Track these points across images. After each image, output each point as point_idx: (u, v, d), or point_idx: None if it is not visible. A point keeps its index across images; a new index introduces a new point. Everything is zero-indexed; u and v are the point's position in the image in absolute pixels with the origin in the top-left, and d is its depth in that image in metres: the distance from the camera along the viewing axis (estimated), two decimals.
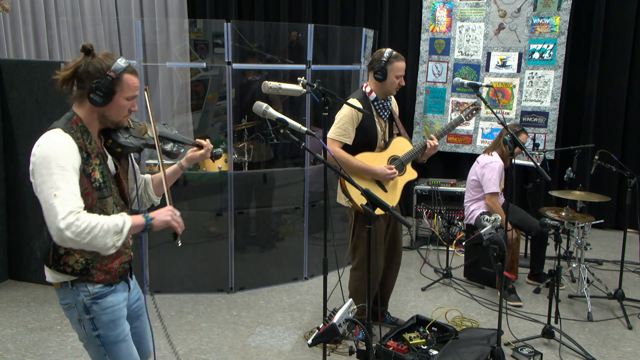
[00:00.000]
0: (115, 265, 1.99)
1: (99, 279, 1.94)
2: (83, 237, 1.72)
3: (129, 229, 1.82)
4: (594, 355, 3.37)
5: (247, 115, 5.09)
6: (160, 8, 6.59)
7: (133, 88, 1.90)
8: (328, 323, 1.96)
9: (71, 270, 1.90)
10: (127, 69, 1.88)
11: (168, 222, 1.91)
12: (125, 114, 1.94)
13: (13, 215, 4.41)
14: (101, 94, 1.84)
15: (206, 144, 2.25)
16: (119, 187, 2.01)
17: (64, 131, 1.83)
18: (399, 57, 3.33)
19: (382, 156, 3.39)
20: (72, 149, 1.81)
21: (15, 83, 4.26)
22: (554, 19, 5.76)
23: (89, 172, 1.85)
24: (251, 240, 4.69)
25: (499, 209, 4.26)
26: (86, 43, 1.90)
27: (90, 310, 1.94)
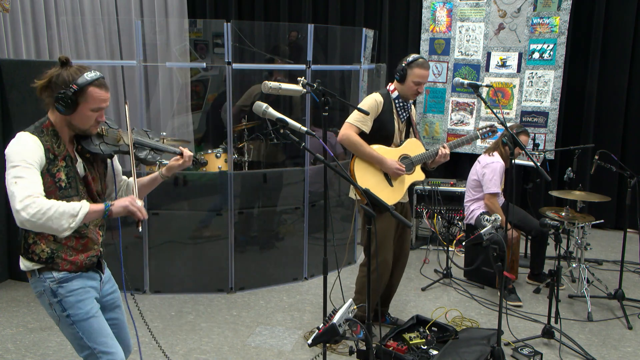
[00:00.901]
0: (81, 257, 2.11)
1: (63, 268, 2.08)
2: (38, 218, 1.85)
3: (85, 213, 1.93)
4: (594, 355, 3.37)
5: (247, 115, 5.09)
6: (160, 8, 6.58)
7: (98, 100, 2.02)
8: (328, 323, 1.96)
9: (38, 259, 2.06)
10: (94, 82, 2.00)
11: (126, 207, 1.99)
12: (92, 124, 2.06)
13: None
14: (64, 104, 1.98)
15: (185, 152, 2.29)
16: (87, 189, 2.13)
17: (32, 133, 2.01)
18: (421, 65, 3.35)
19: (394, 152, 3.45)
20: (36, 148, 1.97)
21: (15, 83, 4.26)
22: (554, 19, 5.76)
23: (54, 172, 2.00)
24: (251, 240, 4.69)
25: (498, 209, 4.26)
26: (62, 55, 2.06)
27: (57, 293, 2.08)
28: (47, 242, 2.05)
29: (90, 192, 2.14)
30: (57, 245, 2.06)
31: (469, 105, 6.13)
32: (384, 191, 3.37)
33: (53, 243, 2.05)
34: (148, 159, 2.25)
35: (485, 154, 4.45)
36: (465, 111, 6.16)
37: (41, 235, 2.04)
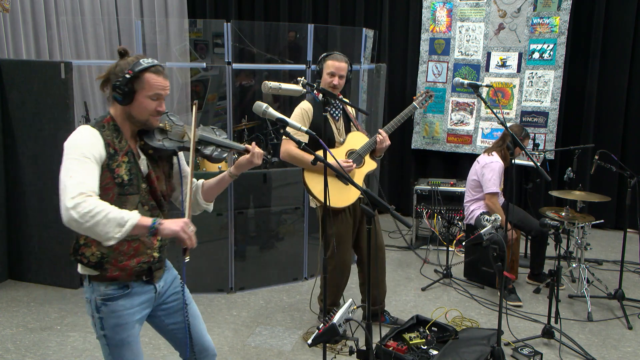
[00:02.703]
0: (131, 263, 1.99)
1: (112, 275, 1.96)
2: (86, 220, 1.73)
3: (132, 225, 1.79)
4: (594, 355, 3.37)
5: (247, 115, 5.09)
6: (160, 8, 6.59)
7: (155, 87, 1.93)
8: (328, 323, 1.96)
9: (87, 262, 1.95)
10: (150, 68, 1.92)
11: (176, 232, 1.84)
12: (152, 114, 1.96)
13: (13, 215, 4.41)
14: (120, 92, 1.90)
15: (252, 148, 2.14)
16: (150, 188, 2.02)
17: (92, 126, 1.92)
18: (333, 56, 3.35)
19: (338, 152, 3.43)
20: (97, 142, 1.88)
21: (15, 83, 4.26)
22: (554, 19, 5.76)
23: (113, 167, 1.90)
24: (251, 240, 4.69)
25: (498, 209, 4.26)
26: (120, 47, 1.98)
27: (100, 310, 1.98)
28: (98, 245, 1.92)
29: (154, 191, 2.03)
30: (108, 249, 1.94)
31: (469, 105, 6.13)
32: (342, 191, 3.34)
33: (104, 247, 1.90)
34: (214, 155, 2.12)
35: (484, 154, 4.45)
36: (465, 111, 6.16)
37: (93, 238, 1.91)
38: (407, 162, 6.55)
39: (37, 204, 4.32)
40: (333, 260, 3.43)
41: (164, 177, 2.10)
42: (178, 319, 2.18)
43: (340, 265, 3.49)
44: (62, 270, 4.33)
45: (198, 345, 2.22)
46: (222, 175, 2.19)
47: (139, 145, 2.03)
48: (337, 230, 3.42)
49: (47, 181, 4.27)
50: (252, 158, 2.12)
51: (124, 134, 1.97)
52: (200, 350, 2.24)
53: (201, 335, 2.25)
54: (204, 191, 2.22)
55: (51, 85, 4.16)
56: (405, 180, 6.47)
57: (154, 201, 2.04)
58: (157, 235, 1.84)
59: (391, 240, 5.56)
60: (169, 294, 2.18)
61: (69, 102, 4.16)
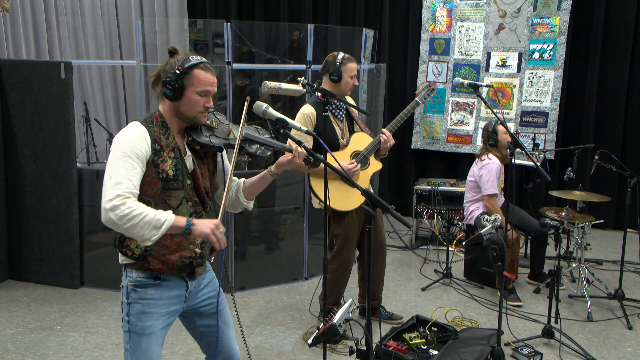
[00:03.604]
0: (174, 257, 2.02)
1: (154, 267, 2.00)
2: (124, 223, 1.79)
3: (168, 227, 1.85)
4: (594, 355, 3.37)
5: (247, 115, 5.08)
6: (160, 8, 6.59)
7: (204, 83, 1.97)
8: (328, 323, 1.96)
9: (131, 254, 2.00)
10: (199, 65, 1.97)
11: (207, 235, 1.89)
12: (200, 110, 2.00)
13: (13, 215, 4.41)
14: (170, 88, 1.94)
15: (296, 148, 2.13)
16: (195, 184, 2.06)
17: (141, 123, 1.96)
18: (351, 59, 3.42)
19: (343, 154, 3.43)
20: (142, 139, 1.92)
21: (15, 83, 4.26)
22: (554, 19, 5.76)
23: (158, 163, 1.95)
24: (251, 240, 4.69)
25: (497, 210, 4.26)
26: (170, 46, 2.04)
27: (129, 295, 2.02)
28: None
29: (198, 187, 2.07)
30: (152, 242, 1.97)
31: (469, 105, 6.13)
32: (348, 193, 3.34)
33: None
34: (258, 153, 2.15)
35: (478, 158, 4.44)
36: (465, 111, 6.16)
37: None
38: (407, 162, 6.55)
39: (37, 204, 4.32)
40: (336, 260, 3.45)
41: (208, 174, 2.14)
42: (210, 322, 2.21)
43: (343, 264, 3.51)
44: (62, 270, 4.33)
45: (224, 352, 2.26)
46: (264, 174, 2.20)
47: (186, 142, 2.06)
48: (343, 231, 3.44)
49: (47, 181, 4.27)
50: (294, 158, 2.13)
51: (171, 131, 2.01)
52: (226, 357, 2.27)
53: (230, 342, 2.28)
54: (245, 189, 2.24)
55: (51, 85, 4.16)
56: (405, 180, 6.47)
57: (197, 197, 2.07)
58: (191, 235, 1.89)
59: (391, 240, 5.56)
60: (203, 295, 2.19)
61: (69, 102, 4.16)
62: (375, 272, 3.64)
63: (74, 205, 4.26)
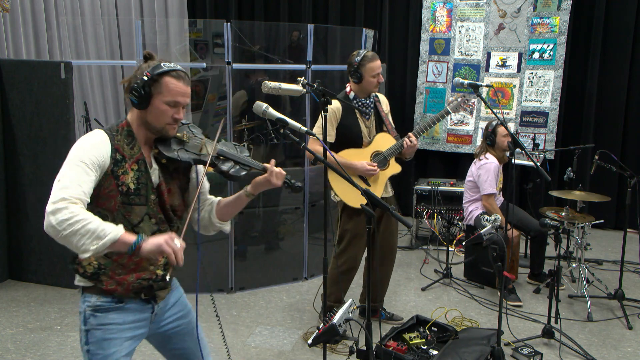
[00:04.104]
0: (130, 278, 1.86)
1: (108, 288, 1.84)
2: (64, 228, 1.62)
3: (113, 240, 1.64)
4: (594, 355, 3.37)
5: (247, 115, 5.09)
6: (160, 8, 6.59)
7: (174, 92, 1.82)
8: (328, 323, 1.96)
9: (83, 271, 1.85)
10: (170, 72, 1.81)
11: (160, 246, 1.66)
12: (168, 121, 1.85)
13: (13, 215, 4.41)
14: (136, 95, 1.80)
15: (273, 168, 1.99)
16: (160, 200, 1.90)
17: (104, 131, 1.84)
18: (371, 58, 3.39)
19: (364, 152, 3.46)
20: (102, 147, 1.79)
21: (15, 83, 4.26)
22: (554, 19, 5.76)
23: (119, 174, 1.81)
24: (251, 240, 4.69)
25: (495, 209, 4.26)
26: (146, 51, 1.88)
27: (87, 322, 1.86)
28: None
29: (163, 204, 1.90)
30: (106, 260, 1.83)
31: (469, 106, 6.12)
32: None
33: (103, 257, 1.81)
34: (231, 172, 1.98)
35: (476, 158, 4.45)
36: (465, 111, 6.14)
37: None
38: (407, 162, 6.53)
39: (37, 204, 4.32)
40: (343, 255, 3.47)
41: (178, 191, 1.98)
42: (182, 345, 2.07)
43: (349, 261, 3.53)
44: (62, 270, 4.33)
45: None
46: (239, 194, 2.06)
47: (153, 154, 1.92)
48: (353, 227, 3.45)
49: (47, 181, 4.24)
50: (270, 178, 1.99)
51: (137, 141, 1.87)
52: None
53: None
54: (219, 209, 2.09)
55: (51, 85, 4.16)
56: (405, 180, 6.47)
57: (162, 214, 1.92)
58: (139, 252, 1.67)
59: None
60: (171, 317, 2.04)
61: (69, 102, 4.16)
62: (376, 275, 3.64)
63: None
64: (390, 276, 3.79)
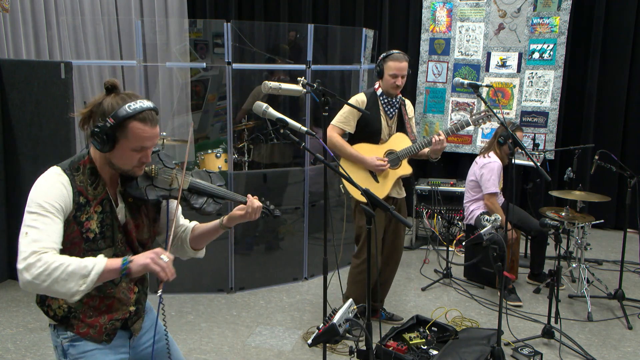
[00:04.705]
0: (102, 320, 1.79)
1: (79, 332, 1.77)
2: (43, 280, 1.54)
3: (99, 272, 1.58)
4: (594, 355, 3.37)
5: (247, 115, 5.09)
6: (160, 8, 6.59)
7: (141, 139, 1.67)
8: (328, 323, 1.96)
9: (53, 315, 1.79)
10: (137, 115, 1.65)
11: (147, 265, 1.60)
12: (135, 164, 1.73)
13: (13, 215, 4.41)
14: (99, 140, 1.65)
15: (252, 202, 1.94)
16: (127, 238, 1.81)
17: (63, 171, 1.71)
18: (394, 57, 3.41)
19: (379, 149, 3.48)
20: (63, 191, 1.66)
21: (15, 83, 4.26)
22: (554, 19, 5.76)
23: (82, 220, 1.69)
24: (251, 240, 4.69)
25: (498, 209, 4.26)
26: (108, 80, 1.71)
27: (67, 353, 1.79)
28: None
29: (131, 242, 1.82)
30: (76, 303, 1.73)
31: (469, 105, 6.13)
32: (374, 188, 3.39)
33: None
34: (204, 208, 1.86)
35: (480, 156, 4.45)
36: (465, 111, 6.16)
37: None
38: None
39: None
40: (362, 254, 3.49)
41: (147, 223, 1.89)
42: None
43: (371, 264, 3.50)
44: None
45: None
46: (214, 224, 1.98)
47: (119, 191, 1.80)
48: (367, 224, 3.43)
49: None
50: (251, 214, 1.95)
51: (102, 179, 1.75)
52: None
53: None
54: (193, 238, 2.02)
55: (51, 85, 4.15)
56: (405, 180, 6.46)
57: (131, 251, 1.82)
58: (130, 275, 1.61)
59: None
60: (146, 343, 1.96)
61: (69, 102, 4.16)
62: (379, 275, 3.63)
63: None
64: (393, 277, 3.79)
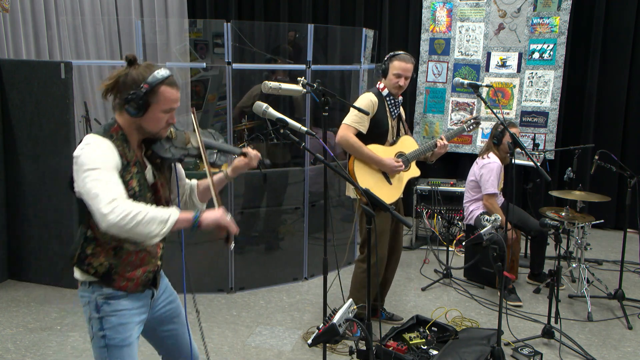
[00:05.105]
0: (138, 273, 1.98)
1: (119, 286, 1.94)
2: (127, 222, 1.70)
3: (174, 221, 1.79)
4: (594, 355, 3.37)
5: (247, 115, 5.08)
6: (160, 8, 6.59)
7: (170, 101, 1.88)
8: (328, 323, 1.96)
9: (94, 272, 1.92)
10: (165, 81, 1.86)
11: (217, 219, 1.87)
12: (163, 126, 1.93)
13: (13, 215, 4.41)
14: (135, 106, 1.84)
15: (251, 152, 2.18)
16: (155, 197, 2.00)
17: (103, 136, 1.85)
18: (400, 57, 3.41)
19: (390, 150, 3.49)
20: (112, 152, 1.83)
21: (15, 83, 4.26)
22: (554, 19, 5.76)
23: (127, 179, 1.86)
24: (251, 240, 4.69)
25: (497, 209, 4.26)
26: (129, 53, 1.90)
27: (100, 309, 1.94)
28: (107, 255, 1.91)
29: (159, 200, 2.00)
30: (117, 260, 1.92)
31: (469, 105, 6.13)
32: (383, 189, 3.40)
33: (113, 258, 1.92)
34: (217, 162, 2.12)
35: (480, 157, 4.45)
36: (465, 111, 6.16)
37: (102, 248, 1.90)
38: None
39: (37, 204, 4.32)
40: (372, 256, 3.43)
41: (166, 183, 2.08)
42: (170, 327, 2.19)
43: (378, 261, 3.51)
44: (62, 270, 4.33)
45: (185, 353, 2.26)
46: (219, 178, 2.19)
47: (145, 154, 1.99)
48: (378, 225, 3.42)
49: (47, 181, 4.27)
50: (250, 161, 2.17)
51: (131, 144, 1.92)
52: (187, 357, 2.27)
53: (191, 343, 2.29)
54: (200, 192, 2.22)
55: (51, 85, 4.16)
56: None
57: None
58: (200, 227, 1.83)
59: None
60: (162, 302, 2.16)
61: (69, 102, 4.16)
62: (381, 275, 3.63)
63: (74, 206, 4.25)
64: (393, 277, 3.79)
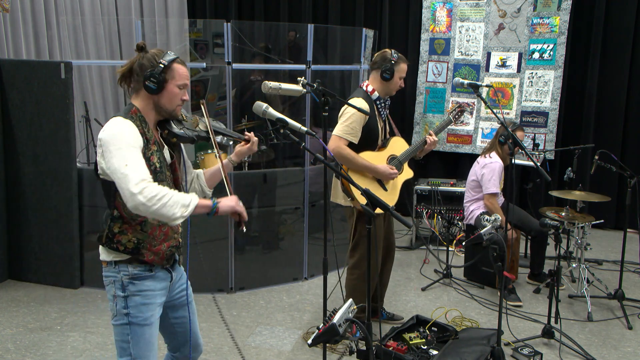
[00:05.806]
0: (163, 247, 2.10)
1: (148, 259, 2.06)
2: (154, 203, 1.85)
3: (195, 205, 1.94)
4: (594, 355, 3.37)
5: (247, 115, 5.09)
6: (160, 8, 6.59)
7: (183, 76, 2.06)
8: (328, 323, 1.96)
9: (123, 249, 2.04)
10: (177, 59, 2.05)
11: (233, 207, 2.04)
12: (178, 103, 2.08)
13: (13, 215, 4.41)
14: (155, 81, 2.00)
15: (253, 137, 2.33)
16: (174, 176, 2.14)
17: (125, 117, 1.99)
18: (404, 59, 3.41)
19: (381, 155, 3.43)
20: (135, 131, 1.96)
21: (15, 83, 4.26)
22: (554, 19, 5.76)
23: (149, 155, 2.00)
24: (251, 240, 4.69)
25: (497, 209, 4.26)
26: (140, 41, 2.09)
27: (126, 288, 2.05)
28: (134, 231, 2.03)
29: (176, 179, 2.15)
30: (143, 235, 2.05)
31: (469, 105, 6.13)
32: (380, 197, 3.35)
33: (140, 233, 2.04)
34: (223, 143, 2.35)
35: (482, 156, 4.45)
36: (465, 111, 6.15)
37: (129, 225, 2.03)
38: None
39: (37, 204, 4.32)
40: (362, 265, 3.41)
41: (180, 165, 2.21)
42: (180, 314, 2.27)
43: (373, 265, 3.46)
44: (62, 270, 4.33)
45: (193, 341, 2.34)
46: (225, 162, 2.31)
47: (162, 135, 2.12)
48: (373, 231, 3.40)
49: (47, 181, 4.27)
50: (252, 146, 2.33)
51: (149, 125, 2.05)
52: (195, 346, 2.35)
53: (198, 331, 2.38)
54: (208, 179, 2.36)
55: (51, 85, 4.16)
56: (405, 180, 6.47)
57: (176, 189, 2.10)
58: (217, 213, 1.99)
59: None
60: (177, 288, 2.26)
61: (69, 102, 4.16)
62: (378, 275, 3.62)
63: (74, 205, 4.26)
64: (390, 275, 3.78)
